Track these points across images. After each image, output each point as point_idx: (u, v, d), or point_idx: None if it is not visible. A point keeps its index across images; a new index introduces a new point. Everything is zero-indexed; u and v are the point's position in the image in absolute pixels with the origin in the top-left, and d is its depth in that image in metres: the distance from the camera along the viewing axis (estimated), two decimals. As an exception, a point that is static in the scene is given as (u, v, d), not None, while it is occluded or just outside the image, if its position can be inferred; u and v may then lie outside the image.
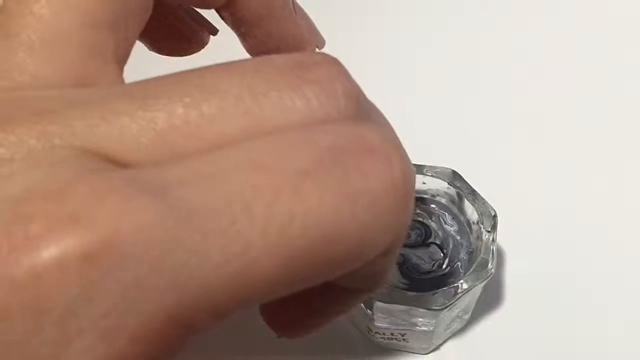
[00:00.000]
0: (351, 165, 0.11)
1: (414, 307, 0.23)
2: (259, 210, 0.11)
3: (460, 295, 0.23)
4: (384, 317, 0.24)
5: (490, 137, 0.34)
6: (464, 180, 0.26)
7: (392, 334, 0.26)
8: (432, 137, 0.32)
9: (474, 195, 0.25)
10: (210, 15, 0.18)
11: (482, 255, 0.24)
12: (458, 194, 0.26)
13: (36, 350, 0.10)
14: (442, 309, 0.23)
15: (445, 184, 0.26)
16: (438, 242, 0.26)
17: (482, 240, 0.24)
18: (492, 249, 0.24)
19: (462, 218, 0.26)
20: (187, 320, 0.11)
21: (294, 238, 0.11)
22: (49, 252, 0.10)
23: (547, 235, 0.30)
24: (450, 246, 0.26)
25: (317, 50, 0.18)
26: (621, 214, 0.30)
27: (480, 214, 0.25)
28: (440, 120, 0.34)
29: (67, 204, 0.10)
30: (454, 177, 0.26)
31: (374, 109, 0.14)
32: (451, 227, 0.26)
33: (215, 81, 0.12)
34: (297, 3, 0.18)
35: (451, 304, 0.23)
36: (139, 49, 0.16)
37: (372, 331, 0.26)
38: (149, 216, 0.10)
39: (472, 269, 0.23)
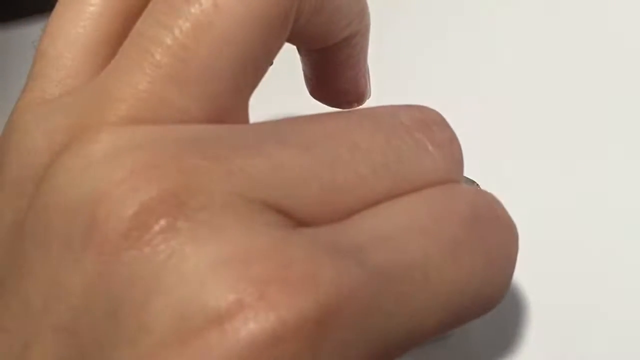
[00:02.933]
0: (489, 233, 0.13)
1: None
2: (433, 276, 0.11)
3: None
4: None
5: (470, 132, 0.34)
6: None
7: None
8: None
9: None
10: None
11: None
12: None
13: None
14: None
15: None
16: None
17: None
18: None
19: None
20: None
21: (453, 300, 0.12)
22: (289, 316, 0.10)
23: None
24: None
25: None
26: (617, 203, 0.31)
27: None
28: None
29: (293, 269, 0.10)
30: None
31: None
32: None
33: (363, 139, 0.12)
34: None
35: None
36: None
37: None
38: (358, 281, 0.10)
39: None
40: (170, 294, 0.10)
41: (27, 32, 0.28)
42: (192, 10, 0.12)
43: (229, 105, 0.13)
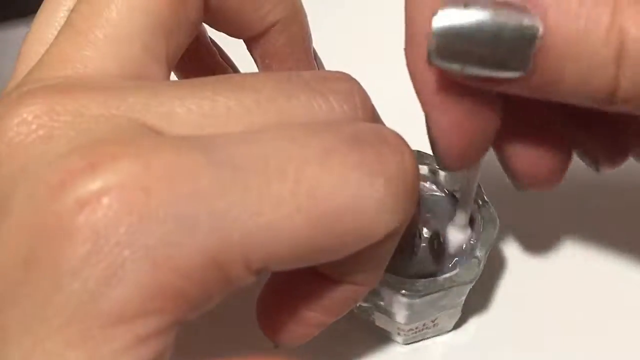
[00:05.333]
0: (370, 151, 0.13)
1: (448, 290, 0.23)
2: (291, 174, 0.12)
3: (484, 260, 0.23)
4: (416, 311, 0.24)
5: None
6: (432, 155, 0.26)
7: (424, 325, 0.26)
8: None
9: (447, 165, 0.26)
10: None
11: (482, 212, 0.24)
12: (431, 170, 0.26)
13: (93, 270, 0.11)
14: (473, 281, 0.23)
15: (415, 166, 0.26)
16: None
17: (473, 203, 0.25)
18: (487, 203, 0.24)
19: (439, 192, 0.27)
20: (225, 265, 0.12)
21: (320, 202, 0.12)
22: (112, 179, 0.11)
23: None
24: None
25: None
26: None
27: (461, 179, 0.25)
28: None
29: (130, 148, 0.11)
30: (421, 156, 0.26)
31: (382, 121, 0.16)
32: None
33: (253, 82, 0.14)
34: (317, 53, 0.21)
35: (477, 276, 0.23)
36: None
37: (403, 331, 0.26)
38: (200, 166, 0.11)
39: (480, 235, 0.24)
40: (28, 179, 0.12)
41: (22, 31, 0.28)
42: None
43: (146, 69, 0.14)
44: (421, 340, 0.27)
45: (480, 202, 0.25)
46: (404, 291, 0.22)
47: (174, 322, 0.11)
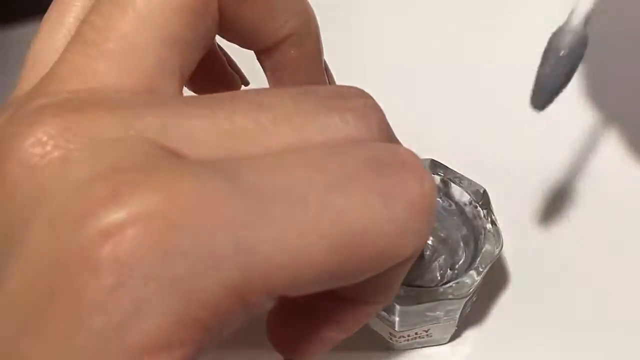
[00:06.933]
0: (391, 174, 0.13)
1: (442, 301, 0.23)
2: (314, 202, 0.12)
3: (482, 275, 0.23)
4: (408, 319, 0.24)
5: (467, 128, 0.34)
6: (445, 165, 0.26)
7: (416, 334, 0.26)
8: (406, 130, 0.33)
9: (459, 177, 0.26)
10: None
11: (488, 228, 0.24)
12: (442, 181, 0.26)
13: (118, 303, 0.10)
14: (471, 295, 0.23)
15: (427, 174, 0.26)
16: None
17: (480, 218, 0.25)
18: (494, 221, 0.24)
19: (449, 204, 0.26)
20: (247, 296, 0.11)
21: (343, 229, 0.12)
22: (136, 210, 0.10)
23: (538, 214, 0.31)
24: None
25: None
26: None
27: (472, 193, 0.25)
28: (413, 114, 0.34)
29: (152, 176, 0.11)
30: (435, 165, 0.26)
31: (397, 139, 0.16)
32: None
33: (270, 100, 0.13)
34: (327, 65, 0.20)
35: (475, 289, 0.23)
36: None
37: (395, 337, 0.26)
38: (224, 195, 0.11)
39: (484, 245, 0.24)
40: (47, 206, 0.11)
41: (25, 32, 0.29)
42: None
43: (159, 83, 0.14)
44: (416, 348, 0.27)
45: (489, 220, 0.25)
46: (397, 298, 0.22)
47: (196, 353, 0.11)
